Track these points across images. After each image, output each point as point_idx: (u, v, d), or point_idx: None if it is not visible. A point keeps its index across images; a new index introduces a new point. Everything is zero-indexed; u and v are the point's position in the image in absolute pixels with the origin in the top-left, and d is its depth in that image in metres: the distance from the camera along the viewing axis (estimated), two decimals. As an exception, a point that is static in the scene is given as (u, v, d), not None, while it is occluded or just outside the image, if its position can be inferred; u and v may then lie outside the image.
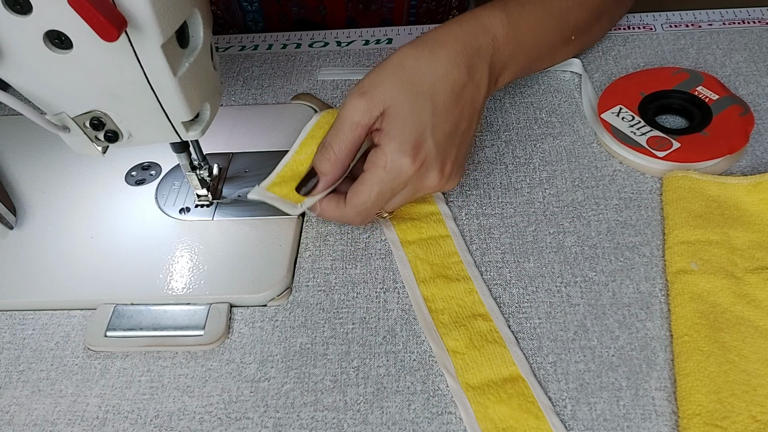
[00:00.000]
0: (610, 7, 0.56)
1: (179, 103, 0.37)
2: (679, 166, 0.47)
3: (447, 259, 0.44)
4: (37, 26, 0.32)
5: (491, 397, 0.37)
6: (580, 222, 0.46)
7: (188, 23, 0.37)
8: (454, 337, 0.40)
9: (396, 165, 0.40)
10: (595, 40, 0.58)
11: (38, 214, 0.49)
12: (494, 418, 0.36)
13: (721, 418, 0.35)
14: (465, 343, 0.40)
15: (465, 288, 0.42)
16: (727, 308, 0.39)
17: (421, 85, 0.41)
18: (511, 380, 0.38)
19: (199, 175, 0.47)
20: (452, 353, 0.39)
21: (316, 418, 0.38)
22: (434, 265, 0.44)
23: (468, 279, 0.43)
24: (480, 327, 0.40)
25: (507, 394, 0.37)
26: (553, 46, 0.52)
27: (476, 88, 0.43)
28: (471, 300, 0.42)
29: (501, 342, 0.40)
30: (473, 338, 0.40)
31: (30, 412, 0.39)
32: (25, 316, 0.44)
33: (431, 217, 0.47)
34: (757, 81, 0.54)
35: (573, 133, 0.52)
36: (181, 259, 0.45)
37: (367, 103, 0.40)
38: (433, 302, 0.42)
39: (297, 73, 0.61)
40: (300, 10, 0.72)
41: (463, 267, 0.44)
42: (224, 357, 0.41)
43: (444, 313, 0.41)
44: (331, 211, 0.43)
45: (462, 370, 0.39)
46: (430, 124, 0.41)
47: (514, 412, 0.36)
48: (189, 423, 0.38)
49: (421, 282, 0.43)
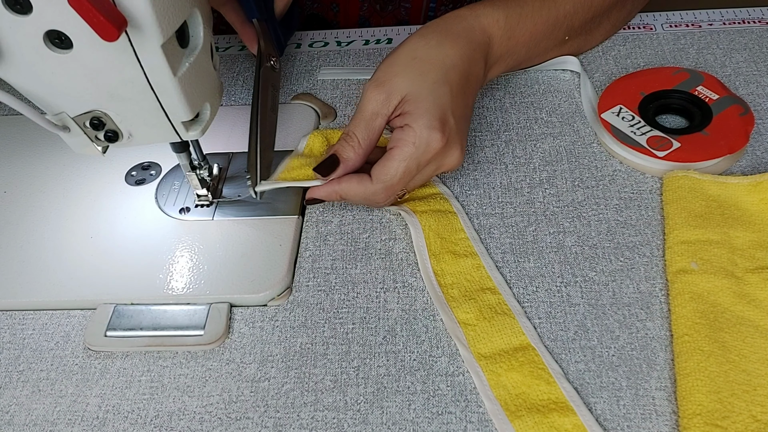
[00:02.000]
0: (612, 11, 0.56)
1: (179, 103, 0.37)
2: (679, 165, 0.47)
3: (454, 235, 0.45)
4: (37, 26, 0.32)
5: (503, 365, 0.38)
6: (580, 222, 0.46)
7: (188, 23, 0.37)
8: (465, 310, 0.41)
9: (425, 140, 0.42)
10: (596, 43, 0.58)
11: (38, 214, 0.49)
12: (507, 385, 0.38)
13: (722, 418, 0.35)
14: (475, 315, 0.41)
15: (472, 263, 0.44)
16: (728, 308, 0.39)
17: (435, 73, 0.43)
18: (521, 349, 0.39)
19: (199, 175, 0.47)
20: (463, 325, 0.40)
21: (316, 418, 0.38)
22: (443, 239, 0.45)
23: (475, 255, 0.44)
24: (489, 300, 0.41)
25: (518, 362, 0.38)
26: (546, 47, 0.54)
27: (476, 80, 0.46)
28: (479, 275, 0.43)
29: (510, 313, 0.41)
30: (483, 310, 0.41)
31: (30, 412, 0.39)
32: (25, 316, 0.44)
33: (435, 197, 0.48)
34: (758, 81, 0.54)
35: (573, 133, 0.52)
36: (181, 259, 0.45)
37: (385, 93, 0.43)
38: (443, 277, 0.43)
39: (297, 73, 0.61)
40: (313, 4, 0.72)
41: (470, 243, 0.45)
42: (224, 357, 0.41)
43: (453, 287, 0.42)
44: (353, 188, 0.44)
45: (474, 340, 0.40)
46: (450, 106, 0.43)
47: (526, 378, 0.38)
48: (189, 423, 0.38)
49: (432, 255, 0.44)
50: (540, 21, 0.50)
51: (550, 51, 0.54)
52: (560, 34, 0.53)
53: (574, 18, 0.52)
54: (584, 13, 0.53)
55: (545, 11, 0.50)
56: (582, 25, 0.54)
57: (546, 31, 0.51)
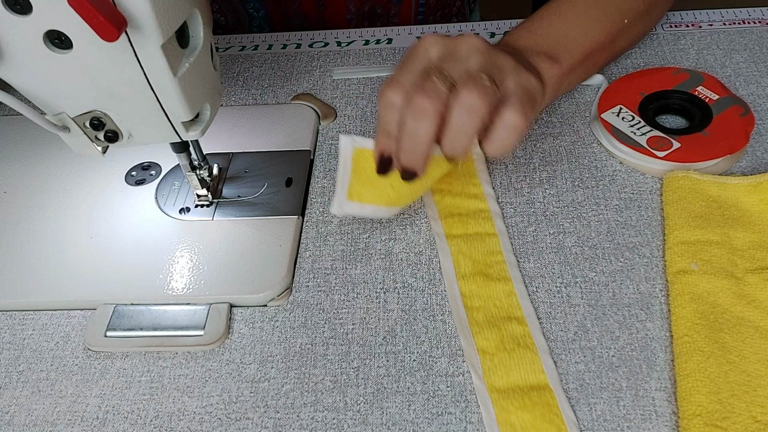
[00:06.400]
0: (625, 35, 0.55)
1: (179, 103, 0.37)
2: (680, 166, 0.47)
3: (490, 257, 0.43)
4: (37, 26, 0.32)
5: (515, 402, 0.36)
6: (580, 222, 0.46)
7: (188, 23, 0.37)
8: (486, 337, 0.39)
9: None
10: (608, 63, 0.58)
11: (38, 214, 0.49)
12: (515, 424, 0.36)
13: (722, 419, 0.35)
14: (496, 344, 0.39)
15: (504, 289, 0.42)
16: (728, 309, 0.39)
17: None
18: (537, 389, 0.37)
19: (199, 175, 0.47)
20: (481, 353, 0.39)
21: (316, 419, 0.38)
22: (476, 261, 0.43)
23: (508, 280, 0.42)
24: (514, 330, 0.39)
25: (531, 402, 0.36)
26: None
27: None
28: (509, 302, 0.41)
29: (533, 348, 0.39)
30: (505, 341, 0.39)
31: (30, 413, 0.39)
32: (25, 316, 0.44)
33: (480, 214, 0.46)
34: (758, 81, 0.54)
35: (573, 133, 0.52)
36: (181, 259, 0.45)
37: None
38: (470, 299, 0.41)
39: (297, 73, 0.61)
40: (301, 21, 0.71)
41: (506, 267, 0.43)
42: (224, 357, 0.41)
43: (479, 311, 0.41)
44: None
45: (489, 371, 0.38)
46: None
47: (536, 421, 0.36)
48: (189, 423, 0.38)
49: (461, 277, 0.42)
50: (585, 69, 0.51)
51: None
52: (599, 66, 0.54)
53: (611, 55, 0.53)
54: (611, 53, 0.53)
55: (590, 63, 0.51)
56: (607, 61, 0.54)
57: (590, 73, 0.53)
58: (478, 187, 0.48)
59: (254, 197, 0.49)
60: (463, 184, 0.48)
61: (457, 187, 0.48)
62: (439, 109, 0.37)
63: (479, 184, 0.48)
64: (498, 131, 0.39)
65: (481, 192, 0.48)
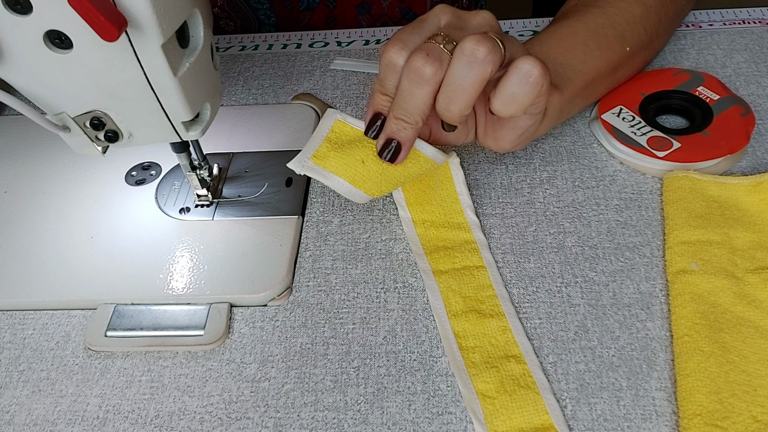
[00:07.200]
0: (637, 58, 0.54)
1: (179, 103, 0.37)
2: (680, 166, 0.47)
3: (481, 292, 0.42)
4: (37, 26, 0.32)
5: None
6: (581, 222, 0.46)
7: (188, 23, 0.37)
8: (485, 379, 0.37)
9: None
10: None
11: (38, 214, 0.49)
12: None
13: (722, 419, 0.35)
14: (496, 387, 0.37)
15: (498, 325, 0.40)
16: (728, 309, 0.39)
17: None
18: (542, 430, 0.36)
19: (199, 175, 0.47)
20: (482, 397, 0.37)
21: (316, 418, 0.38)
22: (467, 297, 0.41)
23: (502, 315, 0.40)
24: (513, 370, 0.38)
25: None
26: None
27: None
28: (504, 339, 0.39)
29: (534, 388, 0.37)
30: (505, 382, 0.37)
31: (30, 412, 0.39)
32: (25, 316, 0.44)
33: (466, 246, 0.44)
34: (758, 81, 0.54)
35: (573, 133, 0.52)
36: (181, 259, 0.45)
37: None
38: (465, 339, 0.39)
39: (297, 73, 0.61)
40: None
41: (498, 302, 0.41)
42: (224, 357, 0.41)
43: (475, 351, 0.39)
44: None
45: (491, 416, 0.36)
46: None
47: None
48: (189, 423, 0.38)
49: (453, 315, 0.41)
50: (593, 92, 0.50)
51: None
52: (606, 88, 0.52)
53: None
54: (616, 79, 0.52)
55: (597, 87, 0.50)
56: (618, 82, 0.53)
57: (599, 94, 0.51)
58: (461, 215, 0.46)
59: (254, 197, 0.49)
60: (446, 212, 0.46)
61: (440, 216, 0.46)
62: (440, 74, 0.36)
63: (462, 211, 0.46)
64: (510, 80, 0.36)
65: (464, 221, 0.46)
